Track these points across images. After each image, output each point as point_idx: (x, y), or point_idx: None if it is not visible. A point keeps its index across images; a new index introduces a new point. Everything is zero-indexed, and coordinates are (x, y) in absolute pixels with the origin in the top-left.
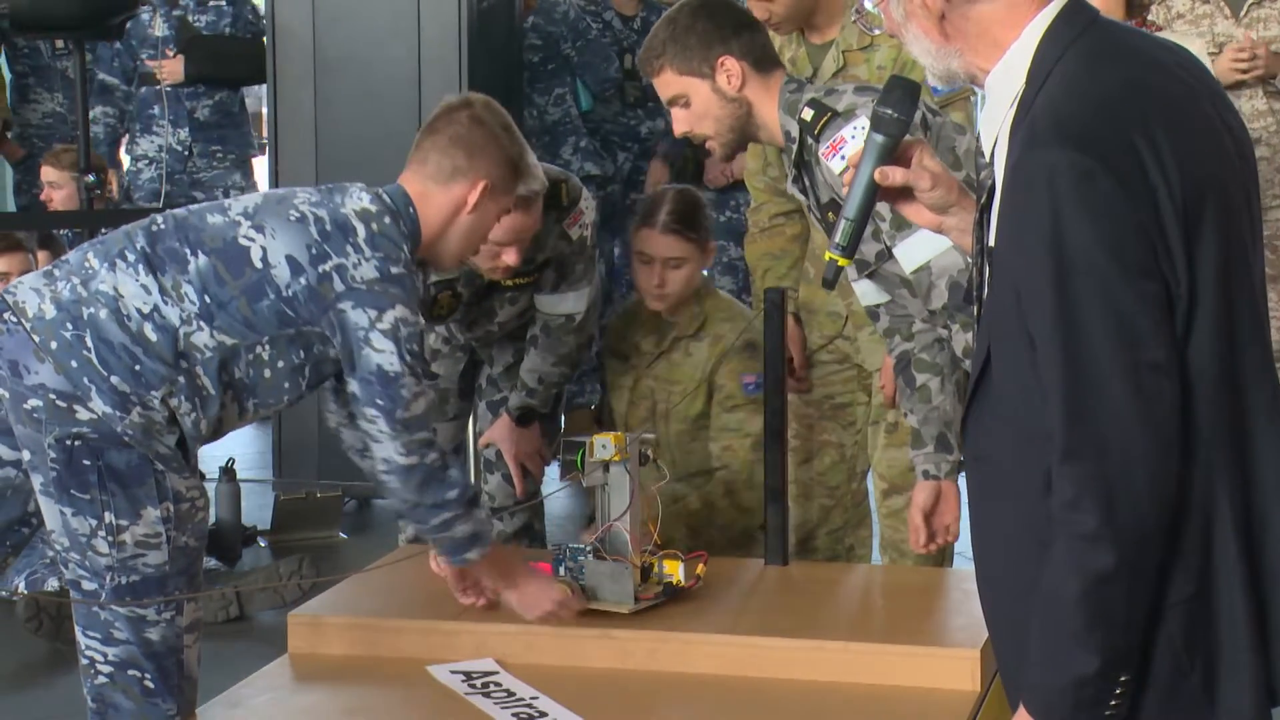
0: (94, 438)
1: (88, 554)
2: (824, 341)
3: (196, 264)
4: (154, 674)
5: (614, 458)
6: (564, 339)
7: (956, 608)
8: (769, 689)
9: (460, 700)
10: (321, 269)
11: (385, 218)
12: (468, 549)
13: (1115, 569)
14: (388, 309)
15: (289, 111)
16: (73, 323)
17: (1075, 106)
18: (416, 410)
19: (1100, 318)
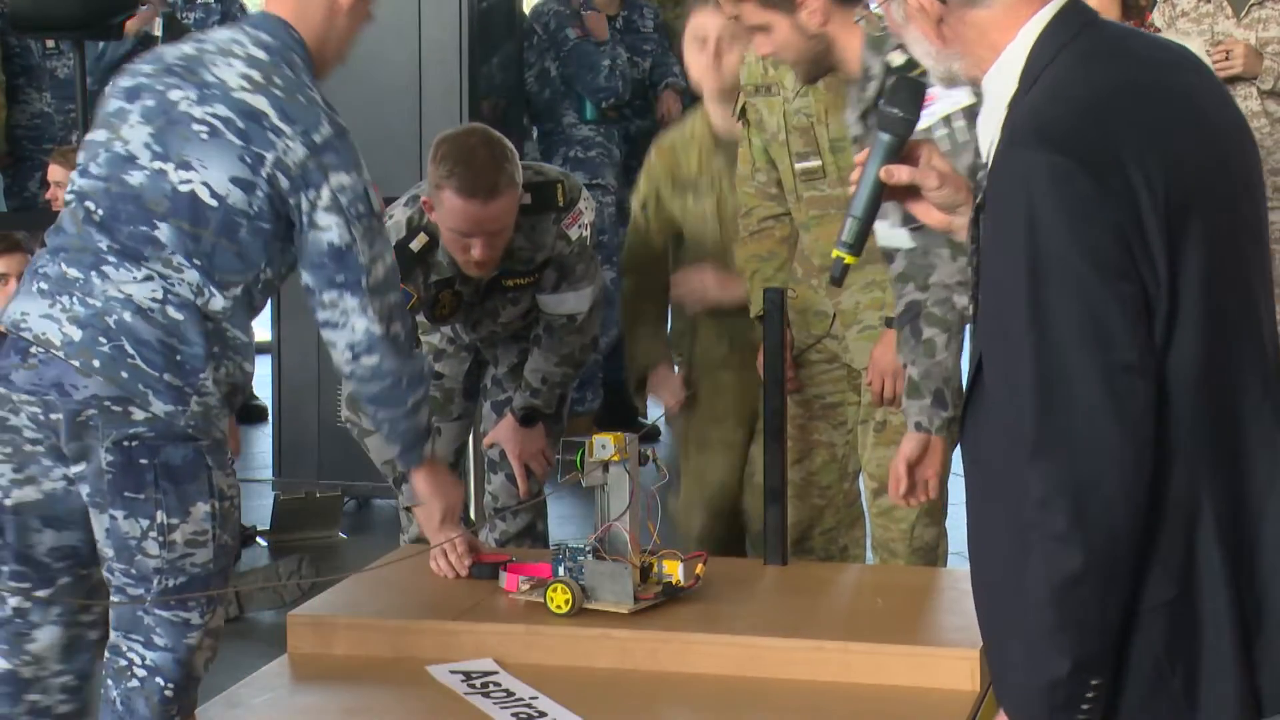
0: (150, 436)
1: (136, 558)
2: (812, 341)
3: (165, 234)
4: (177, 681)
5: (613, 458)
6: (567, 339)
7: (956, 608)
8: (769, 689)
9: (460, 700)
10: (265, 173)
11: (275, 74)
12: (425, 441)
13: (1085, 570)
14: (323, 184)
15: None
16: (104, 335)
17: (1059, 109)
18: (380, 274)
19: (1073, 318)
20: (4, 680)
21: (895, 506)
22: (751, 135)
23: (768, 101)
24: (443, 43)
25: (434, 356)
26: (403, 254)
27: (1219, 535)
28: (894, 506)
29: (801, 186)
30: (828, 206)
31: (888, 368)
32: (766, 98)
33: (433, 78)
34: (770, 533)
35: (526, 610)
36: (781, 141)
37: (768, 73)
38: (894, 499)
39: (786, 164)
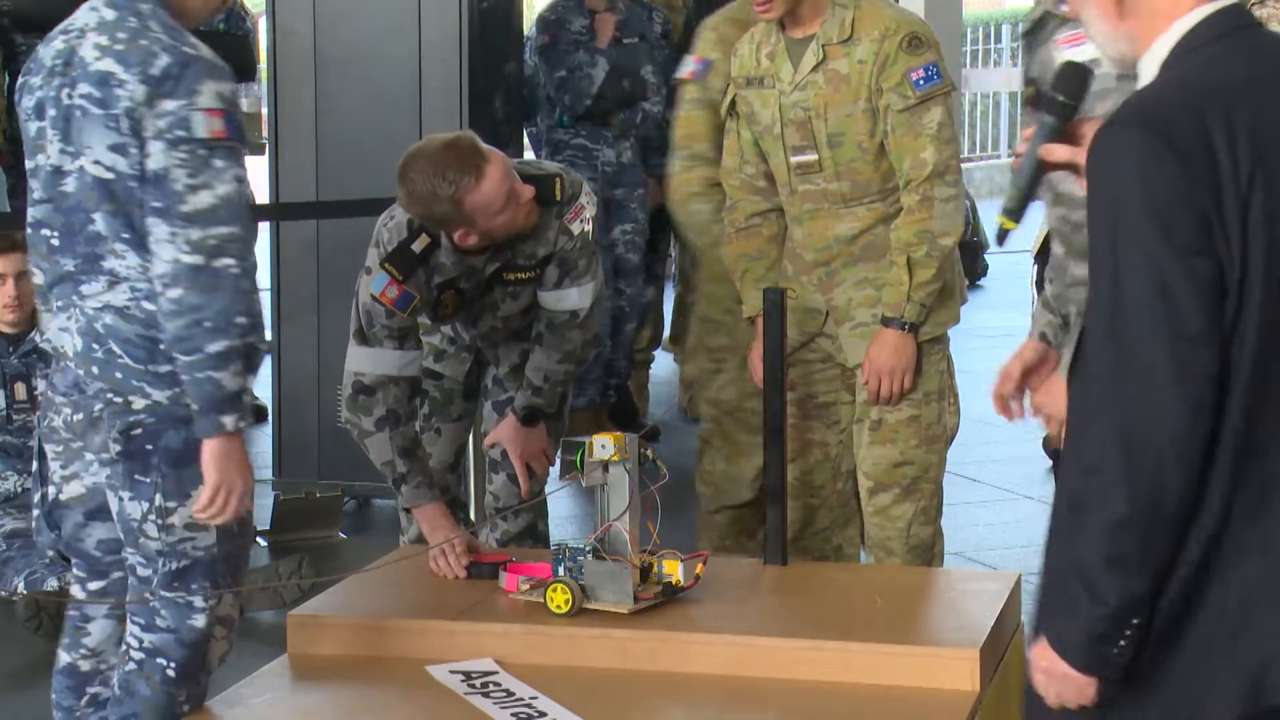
0: (151, 422)
1: (139, 540)
2: (805, 339)
3: (100, 224)
4: (179, 663)
5: (613, 458)
6: (568, 335)
7: (956, 608)
8: (769, 689)
9: (460, 700)
10: (125, 127)
11: (120, 30)
12: (228, 409)
13: (1130, 517)
14: (148, 114)
15: (289, 111)
16: (96, 341)
17: (1164, 94)
18: (201, 203)
19: (1146, 288)
20: (67, 674)
21: (891, 506)
22: (740, 128)
23: (761, 94)
24: (443, 43)
25: (434, 357)
26: (405, 255)
27: (1252, 510)
28: (890, 506)
29: (796, 180)
30: (822, 201)
31: (883, 366)
32: (760, 90)
33: (433, 78)
34: (770, 533)
35: (526, 610)
36: (776, 135)
37: (761, 64)
38: (996, 405)
39: (781, 157)
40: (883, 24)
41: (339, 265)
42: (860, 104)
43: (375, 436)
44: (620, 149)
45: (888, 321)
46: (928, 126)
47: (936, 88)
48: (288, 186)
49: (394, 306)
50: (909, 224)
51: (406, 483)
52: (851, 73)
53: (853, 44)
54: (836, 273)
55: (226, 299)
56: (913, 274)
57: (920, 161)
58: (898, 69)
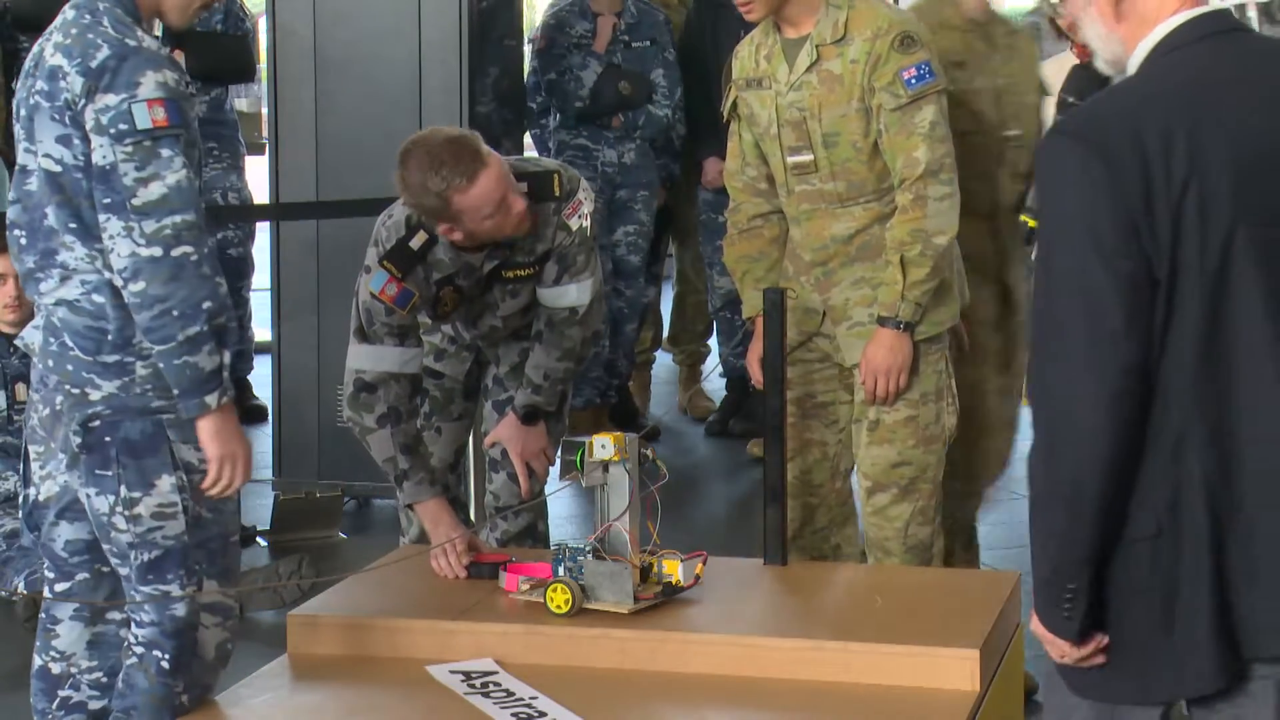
0: (108, 413)
1: (111, 534)
2: (803, 338)
3: (52, 217)
4: (171, 653)
5: (613, 458)
6: (568, 332)
7: (956, 608)
8: (769, 689)
9: (460, 700)
10: (68, 118)
11: (74, 27)
12: (209, 388)
13: (1055, 493)
14: (88, 106)
15: (289, 111)
16: (52, 335)
17: (1105, 100)
18: (151, 195)
19: (1073, 286)
20: (39, 676)
21: (889, 506)
22: (742, 130)
23: (759, 95)
24: (443, 43)
25: (435, 356)
26: (403, 252)
27: (1206, 484)
28: (888, 506)
29: (793, 180)
30: (819, 201)
31: (880, 366)
32: (758, 91)
33: (433, 78)
34: (770, 533)
35: (526, 610)
36: (774, 135)
37: (759, 66)
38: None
39: (779, 158)
40: (875, 23)
41: (339, 265)
42: (854, 104)
43: (377, 433)
44: (622, 150)
45: (883, 321)
46: (920, 125)
47: (929, 86)
48: (288, 186)
49: (393, 304)
50: (903, 223)
51: (408, 479)
52: (845, 72)
53: (846, 44)
54: (834, 272)
55: (189, 286)
56: (906, 273)
57: (913, 160)
58: (890, 68)
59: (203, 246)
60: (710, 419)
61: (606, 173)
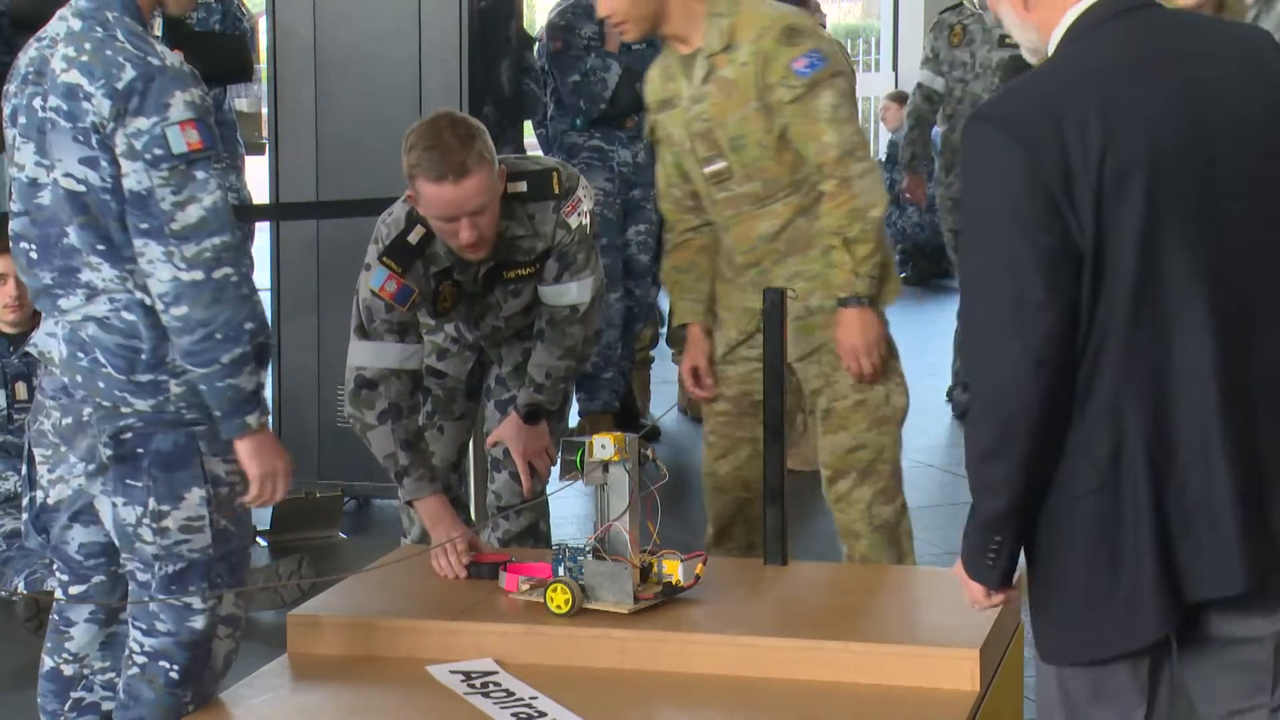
0: (141, 426)
1: (135, 545)
2: (742, 338)
3: (75, 237)
4: (182, 664)
5: (613, 458)
6: (569, 331)
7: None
8: (769, 689)
9: (460, 700)
10: (95, 141)
11: (87, 40)
12: (250, 408)
13: (986, 450)
14: (118, 130)
15: (289, 111)
16: (81, 350)
17: (1024, 84)
18: (190, 218)
19: (997, 260)
20: (50, 678)
21: (850, 490)
22: (664, 152)
23: (671, 115)
24: (443, 43)
25: (437, 355)
26: (402, 247)
27: (1144, 439)
28: (849, 491)
29: (713, 189)
30: (741, 204)
31: (856, 345)
32: (669, 111)
33: (433, 78)
34: (770, 533)
35: (526, 610)
36: (689, 150)
37: (666, 87)
38: None
39: (697, 171)
40: (759, 23)
41: (339, 265)
42: (752, 104)
43: (377, 430)
44: (635, 149)
45: (844, 302)
46: (822, 111)
47: (821, 72)
48: (288, 186)
49: (393, 300)
50: (834, 208)
51: (408, 476)
52: (738, 76)
53: (735, 49)
54: (768, 271)
55: (231, 308)
56: (852, 252)
57: (824, 146)
58: (780, 63)
59: (241, 266)
60: None
61: (622, 173)
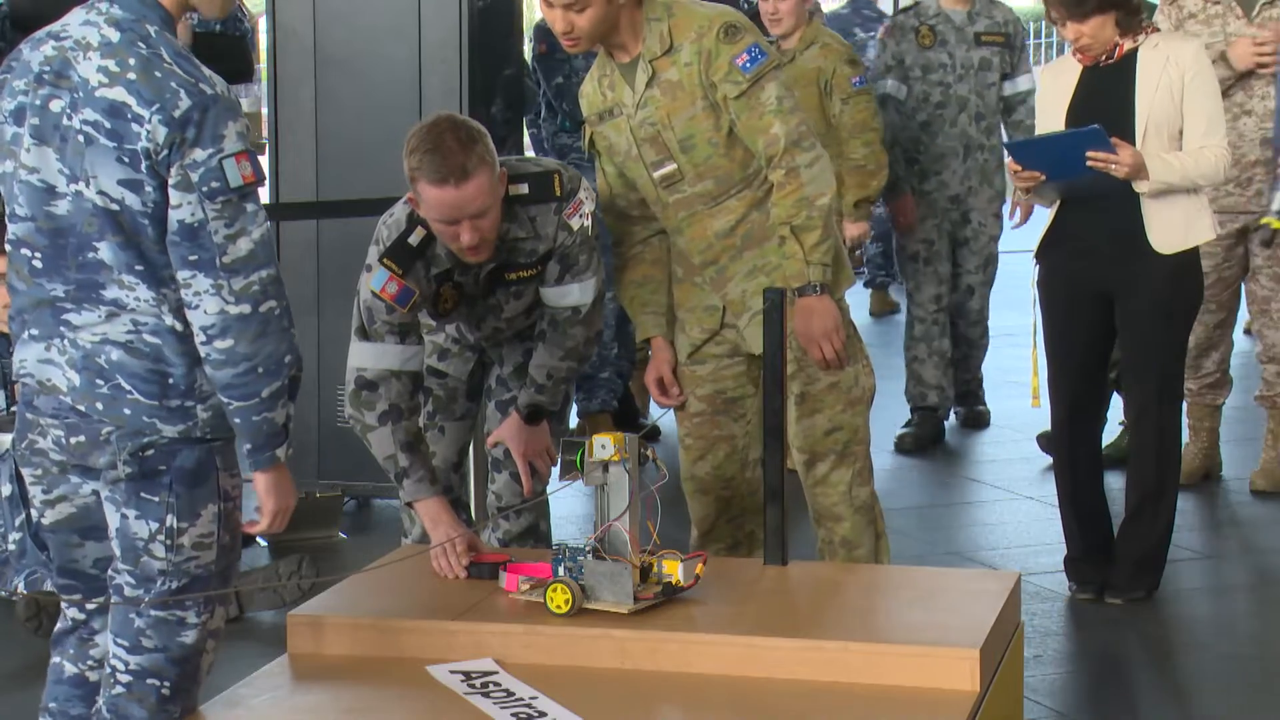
0: (164, 443)
1: (142, 559)
2: (706, 336)
3: (106, 254)
4: (174, 680)
5: (613, 458)
6: (570, 331)
7: (956, 608)
8: (769, 689)
9: (460, 700)
10: (144, 166)
11: (129, 55)
12: (279, 441)
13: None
14: (175, 161)
15: (289, 111)
16: (100, 376)
17: None
18: (240, 252)
19: None
20: (75, 684)
21: (829, 473)
22: (604, 164)
23: (613, 124)
24: (443, 43)
25: (439, 355)
26: (403, 249)
27: None
28: (828, 473)
29: (664, 193)
30: (694, 205)
31: (816, 333)
32: (611, 120)
33: (433, 78)
34: (770, 533)
35: (526, 610)
36: (635, 157)
37: (606, 97)
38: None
39: (645, 177)
40: (696, 23)
41: (339, 265)
42: (699, 103)
43: (378, 431)
44: None
45: (800, 291)
46: (767, 104)
47: (763, 66)
48: (288, 186)
49: (394, 302)
50: (783, 198)
51: (408, 477)
52: (682, 77)
53: (676, 51)
54: (725, 268)
55: (274, 342)
56: (801, 240)
57: (772, 138)
58: (722, 60)
59: (283, 299)
60: None
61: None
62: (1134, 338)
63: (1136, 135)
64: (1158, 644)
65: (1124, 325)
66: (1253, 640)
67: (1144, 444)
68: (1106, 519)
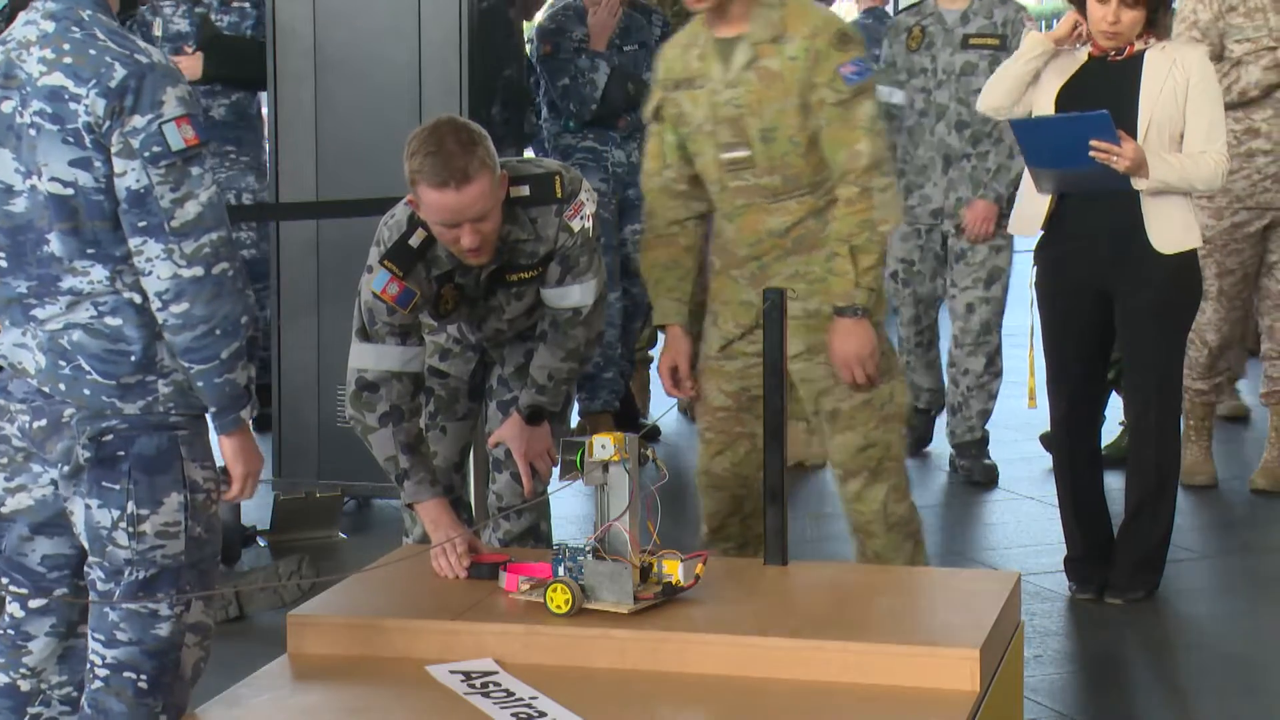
0: (124, 428)
1: (108, 549)
2: (740, 331)
3: (56, 245)
4: (150, 673)
5: (613, 458)
6: (571, 333)
7: (956, 608)
8: (769, 689)
9: (460, 700)
10: (89, 141)
11: (64, 41)
12: (243, 403)
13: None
14: (115, 129)
15: (289, 111)
16: (63, 358)
17: None
18: (188, 215)
19: None
20: (5, 694)
21: (864, 489)
22: (665, 131)
23: (691, 94)
24: (443, 43)
25: (440, 356)
26: (403, 250)
27: None
28: (863, 490)
29: (727, 176)
30: (754, 196)
31: (849, 355)
32: (690, 91)
33: (433, 78)
34: (770, 533)
35: (526, 610)
36: (708, 132)
37: (691, 65)
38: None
39: (711, 155)
40: (811, 22)
41: (339, 265)
42: (792, 99)
43: (378, 432)
44: (629, 149)
45: (840, 311)
46: (861, 119)
47: (866, 82)
48: (288, 186)
49: (395, 303)
50: (849, 215)
51: (409, 478)
52: (784, 69)
53: (784, 42)
54: (769, 266)
55: (230, 303)
56: (857, 261)
57: (856, 153)
58: (829, 64)
59: (236, 260)
60: None
61: (617, 173)
62: (1133, 337)
63: (1139, 133)
64: (1158, 644)
65: (1123, 324)
66: (1252, 640)
67: (1144, 444)
68: (1106, 519)
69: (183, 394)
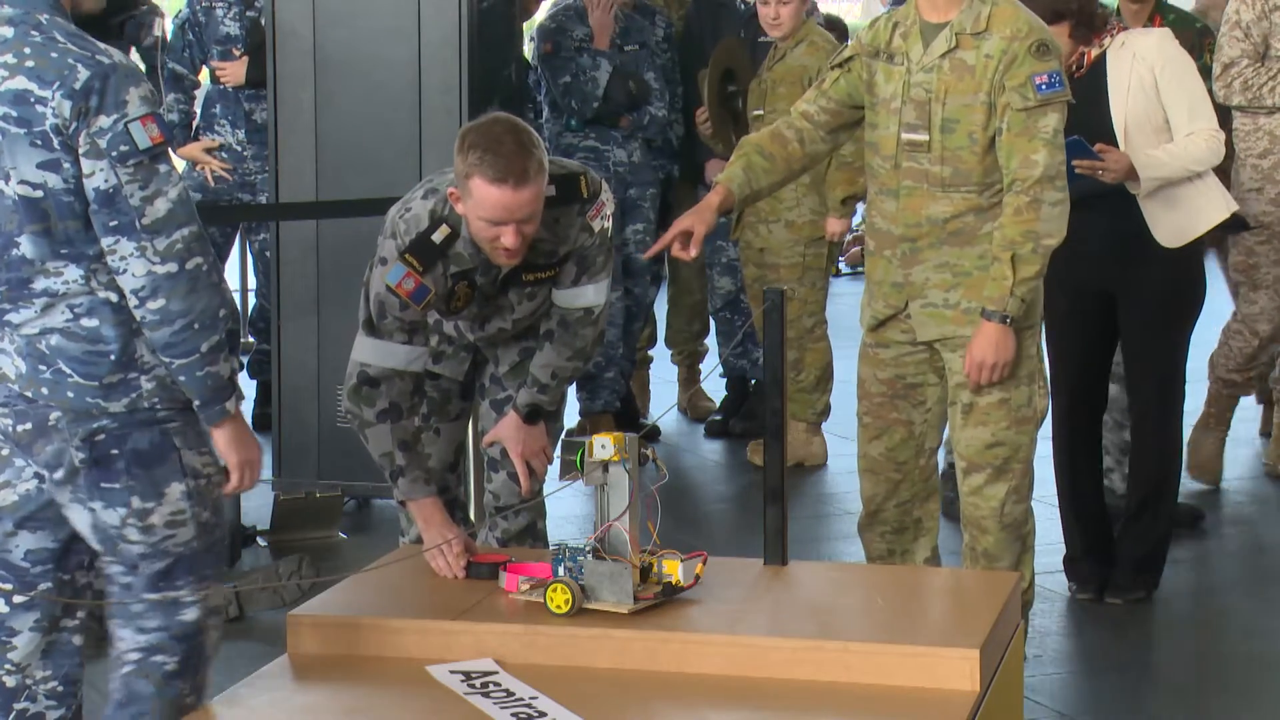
0: (114, 427)
1: (119, 546)
2: (891, 312)
3: (27, 247)
4: (180, 657)
5: (613, 458)
6: (582, 332)
7: (956, 608)
8: (769, 689)
9: (460, 700)
10: (56, 143)
11: (24, 45)
12: (228, 394)
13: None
14: (82, 130)
15: (289, 111)
16: (42, 362)
17: None
18: (159, 212)
19: None
20: None
21: (984, 485)
22: (841, 78)
23: (887, 69)
24: (443, 43)
25: (433, 358)
26: (425, 246)
27: None
28: (983, 485)
29: (902, 156)
30: (922, 180)
31: (986, 360)
32: (888, 64)
33: (433, 78)
34: (770, 533)
35: (526, 610)
36: (894, 109)
37: (893, 41)
38: None
39: (892, 131)
40: (1015, 24)
41: (339, 265)
42: (980, 96)
43: (376, 428)
44: (630, 149)
45: (989, 315)
46: (1043, 130)
47: (1057, 95)
48: (288, 186)
49: (409, 298)
50: (1015, 223)
51: (403, 476)
52: (978, 65)
53: (984, 38)
54: (920, 251)
55: (206, 297)
56: (1017, 270)
57: (1031, 163)
58: (1023, 70)
59: (209, 254)
60: (710, 419)
61: (618, 172)
62: (1136, 338)
63: (1118, 138)
64: (1158, 644)
65: (1126, 325)
66: (1252, 640)
67: (1144, 444)
68: (1106, 519)
69: (166, 388)
